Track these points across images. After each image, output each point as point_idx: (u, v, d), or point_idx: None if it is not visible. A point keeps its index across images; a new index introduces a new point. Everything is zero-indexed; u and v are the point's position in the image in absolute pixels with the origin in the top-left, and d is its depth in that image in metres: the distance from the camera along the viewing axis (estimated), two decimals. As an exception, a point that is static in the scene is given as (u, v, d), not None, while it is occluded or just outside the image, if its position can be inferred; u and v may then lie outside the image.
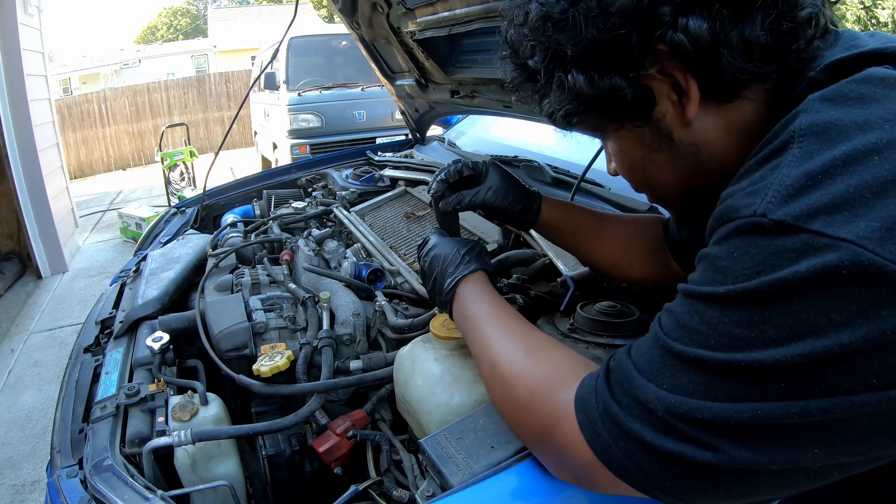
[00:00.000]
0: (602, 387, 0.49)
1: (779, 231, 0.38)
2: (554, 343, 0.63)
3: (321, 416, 0.97)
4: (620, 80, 0.49)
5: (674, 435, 0.42)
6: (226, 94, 11.26)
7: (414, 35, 1.64)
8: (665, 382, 0.43)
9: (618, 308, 0.88)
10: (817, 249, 0.36)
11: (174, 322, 1.15)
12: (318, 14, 18.64)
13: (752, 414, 0.39)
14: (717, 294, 0.41)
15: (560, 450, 0.53)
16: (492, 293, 0.72)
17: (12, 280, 4.25)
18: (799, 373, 0.37)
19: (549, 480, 0.60)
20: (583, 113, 0.54)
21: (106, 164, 10.52)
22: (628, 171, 0.61)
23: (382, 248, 1.41)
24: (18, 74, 4.08)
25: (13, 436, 2.39)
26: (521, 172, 1.61)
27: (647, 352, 0.47)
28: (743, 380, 0.39)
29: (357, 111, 5.63)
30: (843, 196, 0.37)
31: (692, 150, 0.53)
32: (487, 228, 1.37)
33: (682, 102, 0.50)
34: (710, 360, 0.41)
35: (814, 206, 0.37)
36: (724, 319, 0.40)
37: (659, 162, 0.56)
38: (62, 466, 0.83)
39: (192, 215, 1.95)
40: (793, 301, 0.37)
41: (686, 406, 0.41)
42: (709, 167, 0.54)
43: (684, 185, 0.57)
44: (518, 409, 0.59)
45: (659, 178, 0.58)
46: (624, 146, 0.58)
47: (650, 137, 0.54)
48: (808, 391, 0.37)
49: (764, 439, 0.39)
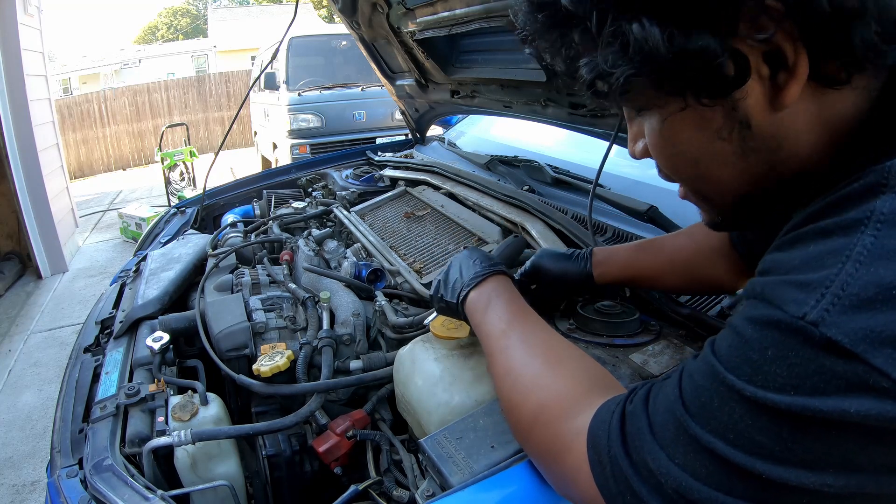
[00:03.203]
0: (616, 433, 0.44)
1: (829, 350, 0.31)
2: (575, 355, 0.59)
3: (321, 416, 0.97)
4: (714, 41, 0.36)
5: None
6: (226, 94, 11.26)
7: (414, 35, 1.64)
8: (678, 457, 0.39)
9: (618, 308, 0.88)
10: (874, 391, 0.30)
11: (174, 322, 1.15)
12: (318, 14, 18.63)
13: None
14: (743, 394, 0.35)
15: (564, 476, 0.51)
16: (516, 295, 0.70)
17: (12, 280, 4.25)
18: (826, 498, 0.33)
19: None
20: (645, 80, 0.39)
21: (106, 164, 10.52)
22: (670, 159, 0.46)
23: (382, 248, 1.41)
24: (18, 74, 4.08)
25: (13, 436, 2.39)
26: (521, 172, 1.62)
27: (663, 412, 0.41)
28: (761, 487, 0.35)
29: (357, 111, 5.63)
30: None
31: (771, 145, 0.41)
32: (487, 228, 1.37)
33: (775, 80, 0.38)
34: (727, 458, 0.36)
35: (881, 335, 0.30)
36: (747, 420, 0.35)
37: (724, 154, 0.43)
38: (62, 466, 0.83)
39: (192, 215, 1.95)
40: (831, 433, 0.32)
41: (697, 493, 0.37)
42: (784, 168, 0.42)
43: (745, 188, 0.44)
44: (525, 423, 0.56)
45: (715, 175, 0.44)
46: (678, 129, 0.43)
47: (720, 122, 0.41)
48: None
49: None
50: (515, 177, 1.61)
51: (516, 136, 2.08)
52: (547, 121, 1.49)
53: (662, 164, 0.48)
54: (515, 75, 1.42)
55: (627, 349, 0.82)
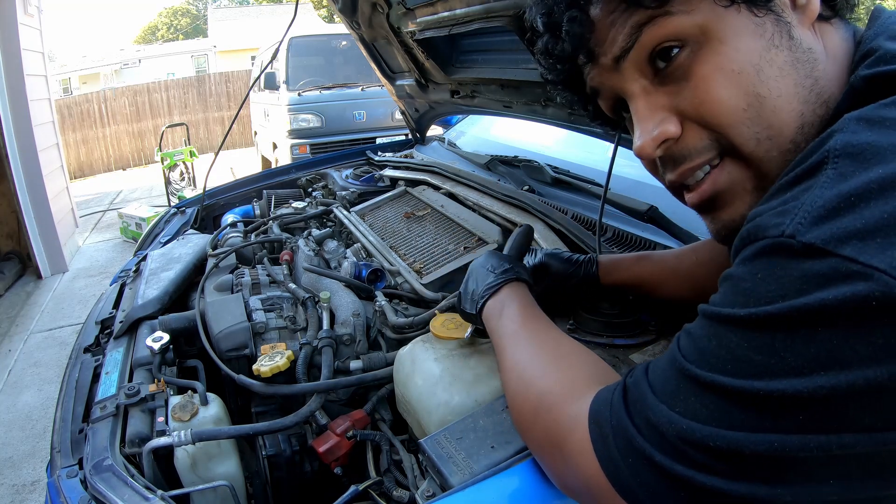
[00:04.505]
0: (618, 402, 0.47)
1: (807, 254, 0.36)
2: (579, 351, 0.62)
3: (321, 416, 0.97)
4: None
5: (684, 461, 0.41)
6: (226, 94, 11.27)
7: (414, 35, 1.64)
8: (678, 406, 0.42)
9: (618, 308, 0.88)
10: (847, 277, 0.34)
11: (174, 322, 1.15)
12: (318, 14, 18.64)
13: (769, 445, 0.37)
14: (738, 317, 0.39)
15: (566, 460, 0.52)
16: (530, 300, 0.72)
17: (12, 280, 4.25)
18: (820, 406, 0.35)
19: (549, 481, 0.60)
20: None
21: (106, 164, 10.52)
22: (734, 78, 0.46)
23: (382, 248, 1.41)
24: (18, 74, 4.08)
25: (13, 436, 2.40)
26: (521, 172, 1.62)
27: (662, 373, 0.45)
28: (760, 409, 0.37)
29: (357, 111, 5.63)
30: (877, 222, 0.34)
31: (810, 57, 0.47)
32: (487, 228, 1.37)
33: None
34: (726, 386, 0.39)
35: (846, 231, 0.35)
36: (743, 344, 0.38)
37: (779, 62, 0.46)
38: (62, 466, 0.83)
39: (192, 215, 1.95)
40: (817, 329, 0.35)
41: (699, 433, 0.40)
42: (822, 86, 0.47)
43: (801, 106, 0.47)
44: (528, 412, 0.58)
45: (778, 86, 0.46)
46: (738, 38, 0.46)
47: (771, 29, 0.46)
48: (829, 426, 0.35)
49: (779, 471, 0.37)
50: (515, 177, 1.61)
51: (516, 136, 2.08)
52: (547, 121, 1.49)
53: (726, 84, 0.47)
54: (515, 75, 1.42)
55: (627, 349, 0.82)
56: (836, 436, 0.35)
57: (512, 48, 1.44)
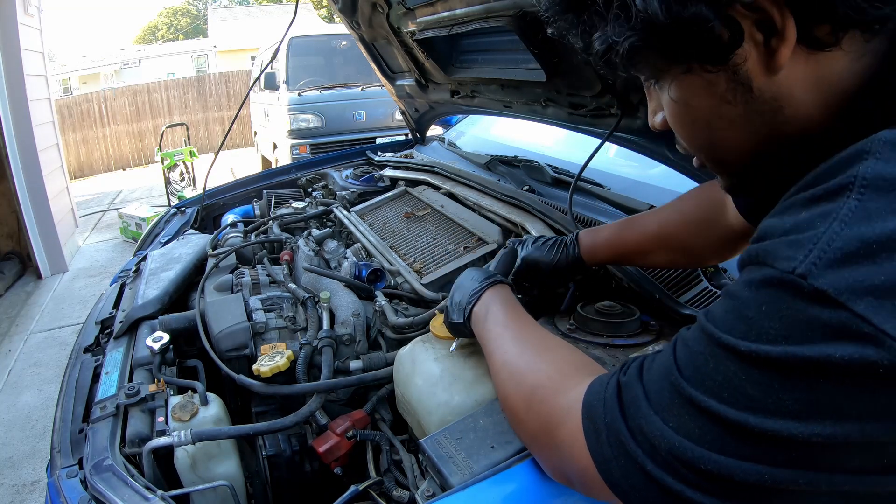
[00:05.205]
0: (612, 400, 0.47)
1: (817, 300, 0.34)
2: (563, 345, 0.64)
3: (321, 416, 0.97)
4: (706, 9, 0.39)
5: (675, 475, 0.41)
6: (226, 94, 11.26)
7: (414, 35, 1.64)
8: (671, 421, 0.41)
9: (618, 308, 0.88)
10: (856, 337, 0.32)
11: (174, 322, 1.15)
12: (318, 14, 18.63)
13: (759, 477, 0.37)
14: (738, 349, 0.38)
15: (559, 449, 0.53)
16: (512, 300, 0.74)
17: (12, 280, 4.25)
18: (814, 449, 0.35)
19: (549, 481, 0.60)
20: (648, 49, 0.43)
21: (106, 164, 10.52)
22: (687, 126, 0.50)
23: (382, 248, 1.41)
24: (18, 74, 4.08)
25: (13, 436, 2.40)
26: (521, 172, 1.61)
27: (658, 380, 0.44)
28: (753, 442, 0.37)
29: (357, 111, 5.63)
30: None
31: (773, 106, 0.44)
32: (487, 228, 1.37)
33: (768, 44, 0.41)
34: (720, 414, 0.38)
35: (861, 284, 0.32)
36: (741, 376, 0.37)
37: (730, 117, 0.46)
38: (62, 466, 0.83)
39: (192, 215, 1.95)
40: (818, 380, 0.34)
41: (690, 453, 0.40)
42: (788, 129, 0.45)
43: (754, 148, 0.47)
44: (520, 405, 0.59)
45: (726, 137, 0.48)
46: (689, 94, 0.47)
47: (724, 86, 0.44)
48: (821, 466, 0.35)
49: (768, 499, 0.38)
50: (515, 177, 1.61)
51: (516, 136, 2.08)
52: (547, 121, 1.49)
53: (679, 132, 0.52)
54: (515, 75, 1.42)
55: (627, 349, 0.82)
56: (826, 475, 0.35)
57: (512, 48, 1.44)
